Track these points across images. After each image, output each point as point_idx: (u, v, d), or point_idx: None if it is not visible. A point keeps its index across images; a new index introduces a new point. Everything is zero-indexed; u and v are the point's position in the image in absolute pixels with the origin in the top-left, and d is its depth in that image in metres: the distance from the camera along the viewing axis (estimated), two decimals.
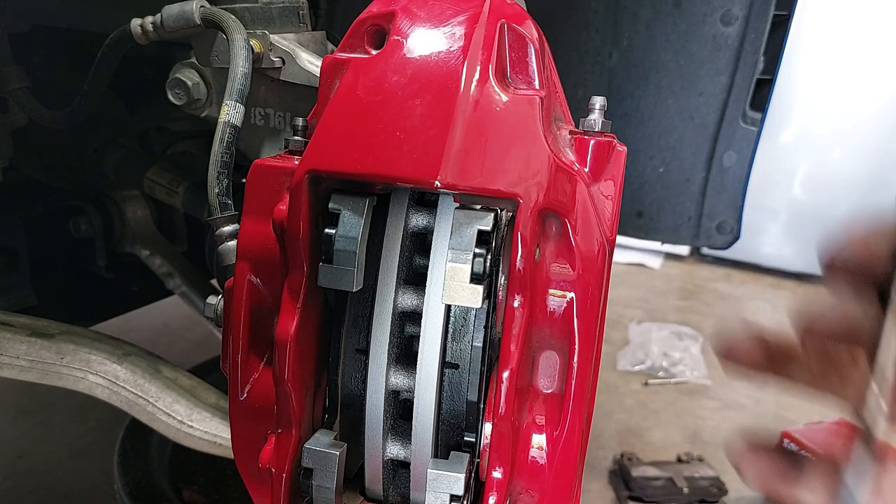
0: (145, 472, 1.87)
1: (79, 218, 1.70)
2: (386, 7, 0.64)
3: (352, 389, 0.67)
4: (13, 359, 1.11)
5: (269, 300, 0.67)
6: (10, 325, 1.16)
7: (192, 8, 0.97)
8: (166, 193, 1.53)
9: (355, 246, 0.58)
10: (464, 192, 0.57)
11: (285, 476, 0.63)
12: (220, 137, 0.88)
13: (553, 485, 0.62)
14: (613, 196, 0.67)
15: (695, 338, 3.72)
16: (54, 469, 2.27)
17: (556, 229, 0.62)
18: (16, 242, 1.54)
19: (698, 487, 2.37)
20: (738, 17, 1.61)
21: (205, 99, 1.08)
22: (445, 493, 0.59)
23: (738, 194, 1.76)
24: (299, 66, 1.01)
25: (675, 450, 2.63)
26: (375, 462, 0.65)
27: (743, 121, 1.70)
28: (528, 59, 0.62)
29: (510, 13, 0.63)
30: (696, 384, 3.29)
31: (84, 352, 1.15)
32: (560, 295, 0.62)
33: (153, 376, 1.18)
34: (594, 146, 0.67)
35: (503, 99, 0.59)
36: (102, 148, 1.62)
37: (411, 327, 0.65)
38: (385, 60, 0.60)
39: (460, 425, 0.64)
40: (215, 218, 0.87)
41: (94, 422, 2.52)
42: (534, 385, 0.64)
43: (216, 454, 1.19)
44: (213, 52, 1.03)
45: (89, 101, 1.21)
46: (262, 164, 0.66)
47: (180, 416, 1.16)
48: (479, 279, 0.57)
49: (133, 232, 1.79)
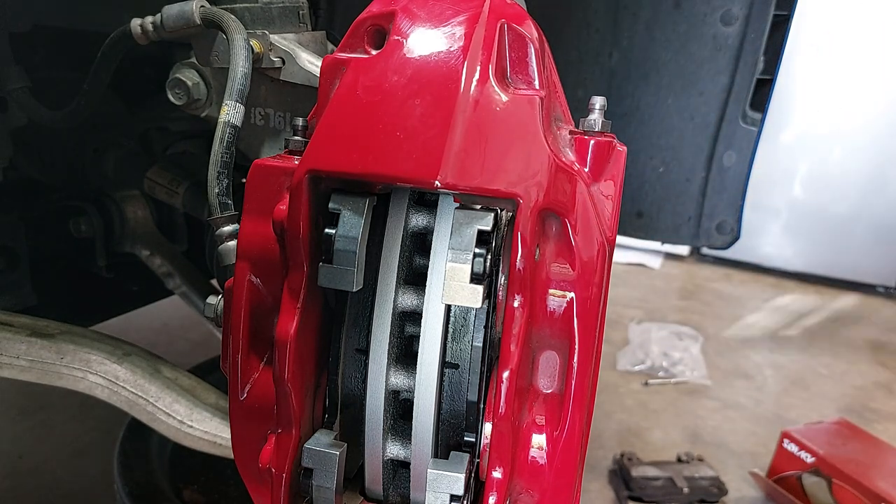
0: (145, 472, 1.87)
1: (79, 218, 1.70)
2: (386, 7, 0.64)
3: (352, 389, 0.67)
4: (13, 359, 1.11)
5: (269, 300, 0.67)
6: (10, 325, 1.16)
7: (192, 8, 0.97)
8: (166, 193, 1.53)
9: (355, 246, 0.58)
10: (464, 192, 0.57)
11: (285, 476, 0.63)
12: (220, 137, 0.88)
13: (553, 485, 0.62)
14: (613, 196, 0.67)
15: (695, 338, 3.72)
16: (54, 469, 2.27)
17: (556, 229, 0.62)
18: (16, 242, 1.54)
19: (698, 487, 2.37)
20: (738, 17, 1.61)
21: (205, 99, 1.08)
22: (445, 493, 0.59)
23: (738, 194, 1.76)
24: (299, 66, 1.01)
25: (675, 450, 2.63)
26: (375, 462, 0.65)
27: (743, 121, 1.70)
28: (528, 59, 0.62)
29: (510, 13, 0.63)
30: (696, 384, 3.29)
31: (84, 352, 1.15)
32: (560, 295, 0.62)
33: (153, 376, 1.18)
34: (594, 146, 0.67)
35: (503, 99, 0.59)
36: (102, 148, 1.62)
37: (411, 327, 0.65)
38: (385, 60, 0.60)
39: (460, 425, 0.64)
40: (215, 218, 0.87)
41: (94, 422, 2.52)
42: (534, 385, 0.64)
43: (216, 454, 1.19)
44: (213, 52, 1.03)
45: (89, 101, 1.21)
46: (262, 164, 0.66)
47: (180, 416, 1.16)
48: (479, 279, 0.57)
49: (133, 232, 1.79)
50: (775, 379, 3.47)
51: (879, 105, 4.70)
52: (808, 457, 2.31)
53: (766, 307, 4.65)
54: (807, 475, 2.32)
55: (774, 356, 3.78)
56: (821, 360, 3.77)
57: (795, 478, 2.35)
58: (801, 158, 5.02)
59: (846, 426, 2.50)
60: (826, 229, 5.07)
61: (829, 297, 4.97)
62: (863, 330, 4.34)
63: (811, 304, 4.80)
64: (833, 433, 2.44)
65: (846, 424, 2.51)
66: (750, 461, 2.65)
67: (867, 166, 4.84)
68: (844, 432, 2.45)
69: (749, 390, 3.30)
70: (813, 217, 5.10)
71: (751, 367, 3.59)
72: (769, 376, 3.49)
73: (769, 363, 3.67)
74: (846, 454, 2.29)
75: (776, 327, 4.26)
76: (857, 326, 4.39)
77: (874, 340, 4.16)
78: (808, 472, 2.31)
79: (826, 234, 5.08)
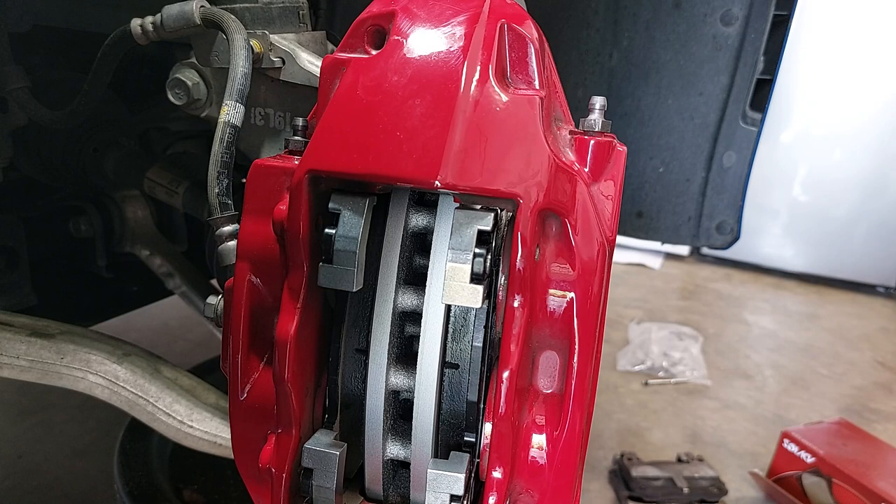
0: (145, 472, 1.87)
1: (79, 218, 1.70)
2: (386, 7, 0.64)
3: (352, 389, 0.67)
4: (13, 359, 1.11)
5: (269, 300, 0.67)
6: (10, 325, 1.16)
7: (192, 8, 0.97)
8: (166, 193, 1.53)
9: (355, 246, 0.58)
10: (464, 192, 0.57)
11: (285, 476, 0.63)
12: (220, 137, 0.88)
13: (553, 485, 0.62)
14: (613, 196, 0.67)
15: (695, 338, 3.72)
16: (54, 469, 2.27)
17: (556, 229, 0.62)
18: (16, 242, 1.54)
19: (698, 487, 2.37)
20: (738, 17, 1.61)
21: (205, 99, 1.08)
22: (445, 493, 0.59)
23: (738, 194, 1.76)
24: (299, 66, 1.01)
25: (675, 450, 2.63)
26: (375, 462, 0.65)
27: (743, 121, 1.70)
28: (528, 59, 0.62)
29: (510, 13, 0.63)
30: (696, 384, 3.29)
31: (84, 352, 1.15)
32: (560, 295, 0.62)
33: (153, 376, 1.18)
34: (594, 146, 0.67)
35: (503, 99, 0.59)
36: (102, 148, 1.62)
37: (411, 327, 0.65)
38: (385, 60, 0.60)
39: (460, 425, 0.64)
40: (215, 218, 0.87)
41: (94, 422, 2.52)
42: (534, 385, 0.64)
43: (216, 454, 1.19)
44: (213, 52, 1.03)
45: (89, 101, 1.21)
46: (262, 164, 0.66)
47: (180, 416, 1.16)
48: (479, 279, 0.57)
49: (133, 232, 1.79)
50: (775, 379, 3.47)
51: (879, 106, 4.70)
52: (808, 457, 2.31)
53: (766, 307, 4.65)
54: (807, 475, 2.32)
55: (774, 356, 3.78)
56: (821, 360, 3.77)
57: (795, 478, 2.35)
58: (801, 158, 5.02)
59: (846, 426, 2.50)
60: (826, 229, 5.08)
61: (829, 297, 4.97)
62: (863, 330, 4.34)
63: (811, 304, 4.80)
64: (833, 433, 2.44)
65: (846, 424, 2.51)
66: (750, 461, 2.65)
67: (867, 166, 4.84)
68: (844, 432, 2.45)
69: (749, 390, 3.30)
70: (813, 217, 5.10)
71: (751, 367, 3.59)
72: (769, 376, 3.49)
73: (769, 363, 3.67)
74: (846, 454, 2.29)
75: (776, 327, 4.26)
76: (857, 326, 4.39)
77: (874, 340, 4.16)
78: (808, 472, 2.31)
79: (826, 234, 5.08)
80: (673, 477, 2.39)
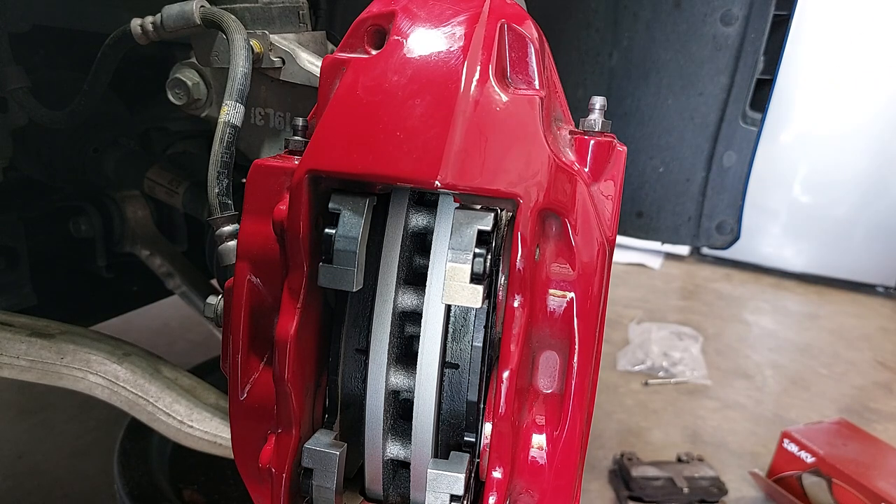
0: (145, 472, 1.87)
1: (79, 218, 1.70)
2: (386, 7, 0.64)
3: (352, 389, 0.67)
4: (13, 359, 1.11)
5: (269, 300, 0.67)
6: (10, 325, 1.16)
7: (192, 8, 0.97)
8: (166, 193, 1.53)
9: (355, 246, 0.58)
10: (464, 192, 0.57)
11: (285, 476, 0.63)
12: (220, 137, 0.88)
13: (553, 485, 0.62)
14: (613, 196, 0.67)
15: (695, 338, 3.72)
16: (54, 469, 2.27)
17: (556, 229, 0.62)
18: (16, 242, 1.54)
19: (698, 487, 2.37)
20: (738, 17, 1.61)
21: (205, 99, 1.08)
22: (445, 493, 0.59)
23: (738, 194, 1.76)
24: (299, 66, 1.01)
25: (675, 450, 2.63)
26: (375, 462, 0.65)
27: (743, 121, 1.70)
28: (528, 59, 0.62)
29: (510, 13, 0.63)
30: (696, 384, 3.29)
31: (84, 352, 1.15)
32: (560, 295, 0.62)
33: (153, 376, 1.18)
34: (594, 146, 0.67)
35: (503, 99, 0.59)
36: (102, 148, 1.62)
37: (411, 327, 0.65)
38: (385, 60, 0.60)
39: (460, 425, 0.64)
40: (215, 218, 0.87)
41: (94, 422, 2.52)
42: (534, 385, 0.64)
43: (216, 454, 1.19)
44: (213, 52, 1.03)
45: (89, 101, 1.21)
46: (262, 164, 0.66)
47: (180, 416, 1.16)
48: (479, 279, 0.57)
49: (133, 232, 1.79)
50: (775, 379, 3.47)
51: (879, 106, 4.70)
52: (808, 457, 2.31)
53: (766, 307, 4.65)
54: (807, 475, 2.32)
55: (774, 356, 3.78)
56: (821, 360, 3.77)
57: (795, 478, 2.35)
58: (801, 158, 5.02)
59: (846, 426, 2.50)
60: (826, 229, 5.08)
61: (828, 296, 4.97)
62: (863, 330, 4.34)
63: (811, 304, 4.80)
64: (833, 433, 2.44)
65: (846, 424, 2.51)
66: (750, 461, 2.65)
67: (867, 166, 4.84)
68: (844, 432, 2.45)
69: (749, 390, 3.30)
70: (813, 217, 5.10)
71: (751, 367, 3.59)
72: (769, 376, 3.49)
73: (769, 363, 3.67)
74: (846, 454, 2.29)
75: (776, 327, 4.26)
76: (856, 326, 4.39)
77: (874, 340, 4.16)
78: (808, 472, 2.31)
79: (826, 234, 5.08)
80: (673, 477, 2.39)
